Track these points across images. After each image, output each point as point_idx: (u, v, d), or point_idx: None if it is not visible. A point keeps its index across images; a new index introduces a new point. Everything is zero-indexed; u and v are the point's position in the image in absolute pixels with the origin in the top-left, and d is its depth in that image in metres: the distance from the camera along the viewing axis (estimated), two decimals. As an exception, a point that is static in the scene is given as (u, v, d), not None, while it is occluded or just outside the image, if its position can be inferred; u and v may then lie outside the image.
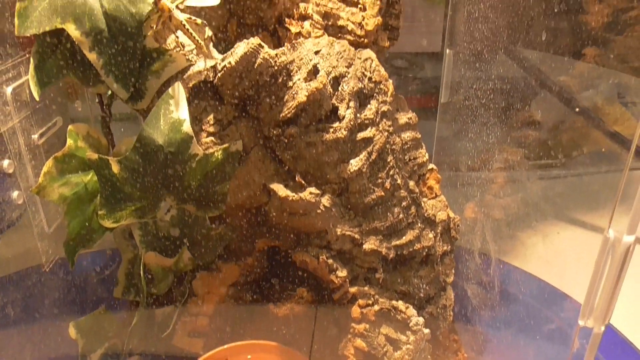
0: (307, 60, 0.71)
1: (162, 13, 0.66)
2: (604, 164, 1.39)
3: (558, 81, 0.90)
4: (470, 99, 0.94)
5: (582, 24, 0.76)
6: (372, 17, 0.77)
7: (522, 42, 0.86)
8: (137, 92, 0.72)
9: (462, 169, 1.01)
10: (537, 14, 0.80)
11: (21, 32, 0.64)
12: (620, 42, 0.77)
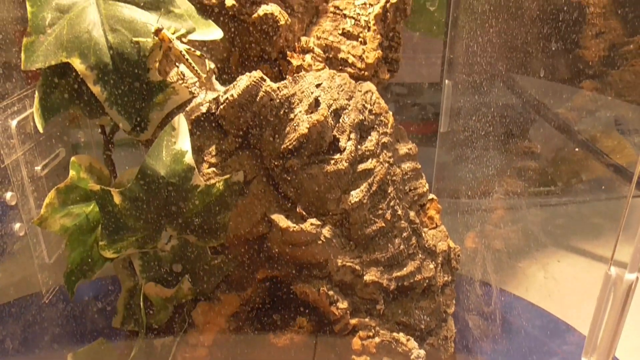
0: (309, 93, 0.72)
1: (163, 43, 0.67)
2: (603, 191, 1.39)
3: (556, 113, 0.92)
4: (470, 129, 0.95)
5: (579, 58, 0.78)
6: (372, 50, 0.78)
7: (520, 75, 0.87)
8: (140, 124, 0.73)
9: (462, 197, 1.02)
10: (535, 48, 0.82)
11: (27, 66, 0.65)
12: (616, 76, 0.79)
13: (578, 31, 0.76)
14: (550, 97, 0.87)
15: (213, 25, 0.74)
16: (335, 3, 0.80)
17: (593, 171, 1.34)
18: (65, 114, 0.81)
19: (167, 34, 0.67)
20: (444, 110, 1.02)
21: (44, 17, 0.66)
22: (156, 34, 0.67)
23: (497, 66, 0.88)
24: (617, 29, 0.74)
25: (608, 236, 1.25)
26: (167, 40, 0.67)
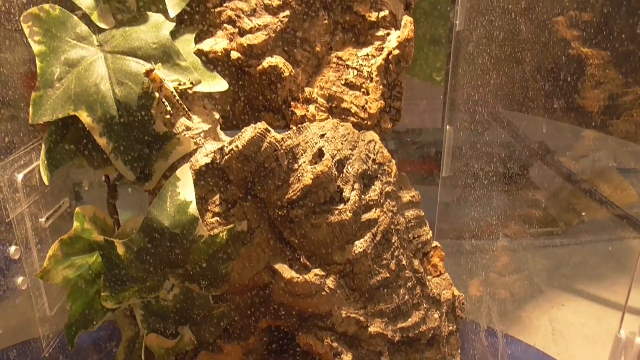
0: (313, 143, 0.73)
1: (154, 84, 0.68)
2: (605, 232, 1.39)
3: (559, 161, 0.93)
4: (471, 174, 0.96)
5: (579, 108, 0.79)
6: (375, 100, 0.79)
7: (521, 122, 0.88)
8: (145, 174, 0.73)
9: (465, 238, 1.02)
10: (535, 98, 0.83)
11: (35, 120, 0.65)
12: (617, 126, 0.80)
13: (578, 82, 0.78)
14: (552, 145, 0.88)
15: (218, 77, 0.75)
16: (338, 54, 0.81)
17: (594, 212, 1.35)
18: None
19: (159, 74, 0.68)
20: (445, 155, 1.02)
21: (52, 72, 0.67)
22: (147, 75, 0.68)
23: (497, 114, 0.89)
24: (615, 79, 0.75)
25: (611, 279, 1.24)
26: (159, 81, 0.68)
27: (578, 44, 0.77)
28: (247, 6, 0.76)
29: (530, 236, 1.21)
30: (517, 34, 0.84)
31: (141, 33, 0.72)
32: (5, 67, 0.63)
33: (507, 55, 0.84)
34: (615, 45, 0.72)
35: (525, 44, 0.83)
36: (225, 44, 0.75)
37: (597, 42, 0.75)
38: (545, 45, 0.80)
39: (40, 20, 0.66)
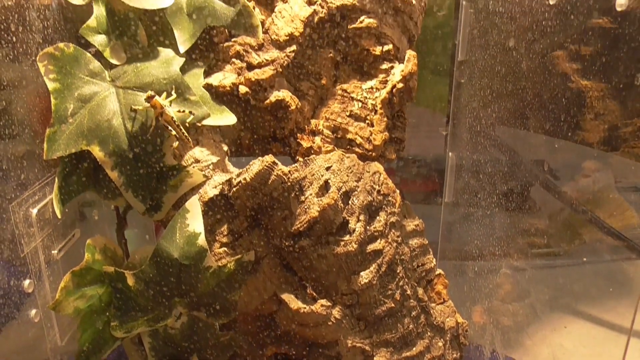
0: (319, 175, 0.74)
1: (155, 109, 0.69)
2: (606, 253, 1.40)
3: (560, 191, 0.94)
4: (473, 202, 0.97)
5: (580, 140, 0.80)
6: (379, 132, 0.81)
7: (521, 151, 0.90)
8: (155, 205, 0.75)
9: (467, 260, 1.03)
10: (536, 127, 0.85)
11: (49, 155, 0.67)
12: (616, 157, 0.81)
13: (578, 114, 0.80)
14: (552, 178, 0.89)
15: (227, 111, 0.77)
16: (343, 86, 0.83)
17: (595, 232, 1.35)
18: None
19: (159, 100, 0.69)
20: (448, 180, 1.04)
21: (66, 108, 0.69)
22: (148, 101, 0.69)
23: (499, 142, 0.91)
24: (615, 111, 0.77)
25: (614, 301, 1.24)
26: (159, 107, 0.69)
27: (577, 77, 0.78)
28: (254, 41, 0.78)
29: (532, 258, 1.22)
30: (517, 65, 0.86)
31: (152, 69, 0.74)
32: (21, 105, 0.65)
33: (508, 85, 0.86)
34: (615, 78, 0.74)
35: (525, 75, 0.85)
36: (233, 78, 0.77)
37: (597, 75, 0.77)
38: (546, 79, 0.81)
39: (55, 59, 0.68)
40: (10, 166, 0.62)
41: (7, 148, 0.62)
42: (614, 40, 0.72)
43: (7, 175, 0.61)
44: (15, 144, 0.63)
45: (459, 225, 1.05)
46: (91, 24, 0.71)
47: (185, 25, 0.76)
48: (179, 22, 0.76)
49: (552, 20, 0.76)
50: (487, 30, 0.90)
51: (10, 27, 0.62)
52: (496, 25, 0.87)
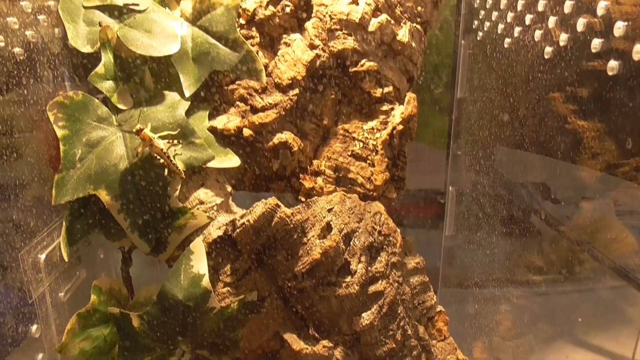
0: (321, 217, 0.75)
1: (144, 142, 0.71)
2: (607, 279, 1.40)
3: (560, 230, 0.95)
4: (474, 234, 0.98)
5: (577, 178, 0.82)
6: (380, 172, 0.82)
7: (521, 184, 0.92)
8: (160, 246, 0.76)
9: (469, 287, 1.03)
10: (532, 165, 0.87)
11: (58, 201, 0.69)
12: (613, 196, 0.83)
13: (575, 154, 0.81)
14: (551, 215, 0.90)
15: (231, 153, 0.78)
16: (345, 126, 0.85)
17: (594, 261, 1.36)
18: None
19: (148, 133, 0.71)
20: (448, 215, 1.05)
21: (74, 153, 0.70)
22: (137, 134, 0.71)
23: (497, 176, 0.92)
24: (612, 150, 0.79)
25: (615, 329, 1.24)
26: (148, 139, 0.71)
27: (574, 118, 0.80)
28: (258, 84, 0.80)
29: (531, 285, 1.22)
30: (514, 104, 0.88)
31: (158, 113, 0.75)
32: (31, 153, 0.67)
33: (504, 124, 0.88)
34: (611, 118, 0.76)
35: (522, 115, 0.87)
36: (237, 121, 0.79)
37: (593, 116, 0.78)
38: (542, 119, 0.83)
39: (64, 107, 0.70)
40: (21, 215, 0.64)
41: (18, 197, 0.63)
42: (610, 81, 0.73)
43: (17, 225, 0.63)
44: (25, 192, 0.65)
45: (459, 258, 1.06)
46: (99, 71, 0.73)
47: (191, 70, 0.78)
48: (185, 67, 0.78)
49: (548, 62, 0.77)
50: (484, 70, 0.92)
51: (22, 80, 0.64)
52: (493, 65, 0.89)
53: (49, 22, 0.70)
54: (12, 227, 0.61)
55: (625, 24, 0.64)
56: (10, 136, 0.62)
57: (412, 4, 0.84)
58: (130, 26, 0.75)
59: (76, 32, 0.73)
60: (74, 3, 0.73)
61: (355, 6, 0.80)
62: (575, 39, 0.73)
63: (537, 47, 0.79)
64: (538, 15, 0.78)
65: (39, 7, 0.67)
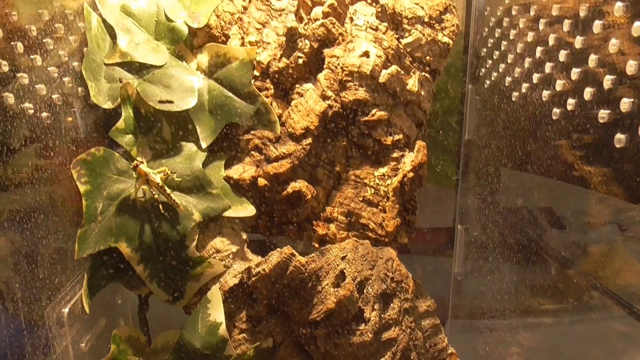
0: (335, 265, 0.77)
1: (141, 177, 0.73)
2: (616, 308, 1.40)
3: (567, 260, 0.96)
4: (482, 272, 1.00)
5: (585, 224, 0.83)
6: (391, 219, 0.84)
7: (527, 224, 0.93)
8: (177, 294, 0.78)
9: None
10: (540, 210, 0.88)
11: (80, 255, 0.71)
12: (621, 243, 0.84)
13: (582, 200, 0.83)
14: (559, 258, 0.92)
15: (246, 202, 0.81)
16: (356, 172, 0.87)
17: (602, 293, 1.36)
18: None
19: (144, 168, 0.73)
20: (457, 253, 1.07)
21: (96, 207, 0.73)
22: (134, 169, 0.73)
23: (507, 219, 0.94)
24: (619, 194, 0.80)
25: None
26: (144, 174, 0.73)
27: (581, 164, 0.82)
28: (272, 134, 0.82)
29: (540, 315, 1.23)
30: (520, 148, 0.90)
31: (176, 165, 0.78)
32: (55, 210, 0.69)
33: (511, 169, 0.90)
34: (618, 163, 0.77)
35: (528, 158, 0.88)
36: (252, 171, 0.81)
37: (599, 161, 0.80)
38: (549, 166, 0.85)
39: (87, 163, 0.72)
40: (47, 273, 0.66)
41: (45, 256, 0.65)
42: (616, 127, 0.75)
43: (44, 283, 0.65)
44: (50, 249, 0.67)
45: (468, 299, 1.07)
46: (120, 126, 0.75)
47: (207, 122, 0.80)
48: (201, 119, 0.80)
49: (554, 111, 0.79)
50: (491, 115, 0.94)
51: (48, 142, 0.67)
52: (499, 112, 0.91)
53: (73, 82, 0.73)
54: (39, 286, 0.63)
55: (633, 68, 0.66)
56: (38, 199, 0.64)
57: (420, 54, 0.86)
58: (149, 81, 0.78)
59: (98, 89, 0.75)
60: (96, 61, 0.76)
61: (366, 58, 0.82)
62: (580, 87, 0.75)
63: (543, 96, 0.81)
64: (543, 64, 0.81)
65: (64, 70, 0.70)
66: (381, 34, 0.84)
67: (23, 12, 0.61)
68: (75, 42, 0.74)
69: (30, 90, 0.61)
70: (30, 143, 0.62)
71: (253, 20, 0.84)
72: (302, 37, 0.84)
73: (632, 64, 0.60)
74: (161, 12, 0.81)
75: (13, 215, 0.59)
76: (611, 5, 0.64)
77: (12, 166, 0.60)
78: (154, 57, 0.79)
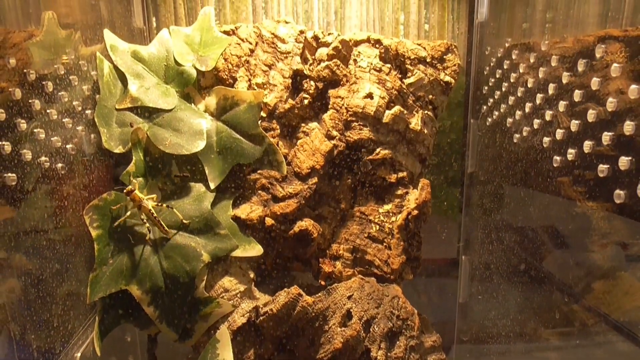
0: (341, 305, 0.78)
1: (134, 202, 0.75)
2: (622, 332, 1.40)
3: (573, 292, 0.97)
4: (487, 306, 1.01)
5: (588, 260, 0.85)
6: (396, 256, 0.86)
7: (529, 256, 0.94)
8: (186, 333, 0.79)
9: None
10: (542, 242, 0.89)
11: (92, 298, 0.72)
12: (625, 278, 0.85)
13: (585, 236, 0.84)
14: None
15: (254, 242, 0.82)
16: (361, 209, 0.88)
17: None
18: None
19: (138, 194, 0.75)
20: (462, 282, 1.08)
21: (107, 251, 0.74)
22: (128, 195, 0.75)
23: (511, 252, 0.95)
24: (621, 230, 0.81)
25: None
26: (138, 200, 0.75)
27: (583, 200, 0.83)
28: (279, 174, 0.84)
29: (549, 336, 1.23)
30: (522, 183, 0.91)
31: (185, 206, 0.79)
32: (70, 260, 0.71)
33: (512, 202, 0.91)
34: (618, 199, 0.78)
35: (530, 194, 0.90)
36: (260, 211, 0.83)
37: (601, 197, 0.81)
38: (551, 202, 0.86)
39: (99, 208, 0.74)
40: (60, 321, 0.67)
41: (59, 305, 0.67)
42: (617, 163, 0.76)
43: (57, 331, 0.66)
44: (65, 299, 0.68)
45: (474, 334, 1.08)
46: (130, 169, 0.77)
47: (216, 163, 0.82)
48: (210, 161, 0.82)
49: (553, 155, 0.81)
50: (492, 150, 0.96)
51: (63, 191, 0.68)
52: (500, 147, 0.93)
53: (86, 130, 0.75)
54: (53, 334, 0.65)
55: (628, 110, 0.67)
56: (54, 250, 0.66)
57: (423, 93, 0.88)
58: (159, 125, 0.80)
59: (109, 134, 0.77)
60: (108, 107, 0.78)
61: (370, 100, 0.84)
62: (580, 137, 0.76)
63: (544, 142, 0.83)
64: (543, 109, 0.82)
65: (77, 120, 0.72)
66: (384, 75, 0.86)
67: (39, 67, 0.63)
68: (88, 90, 0.76)
69: (46, 145, 0.63)
70: (46, 194, 0.64)
71: (260, 62, 0.86)
72: (308, 78, 0.86)
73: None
74: (170, 56, 0.83)
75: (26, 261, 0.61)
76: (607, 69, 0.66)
77: (26, 211, 0.61)
78: (164, 101, 0.81)
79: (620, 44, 0.72)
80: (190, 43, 0.86)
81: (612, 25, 0.74)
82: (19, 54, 0.62)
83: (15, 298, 0.58)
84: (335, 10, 0.96)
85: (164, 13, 0.96)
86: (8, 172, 0.57)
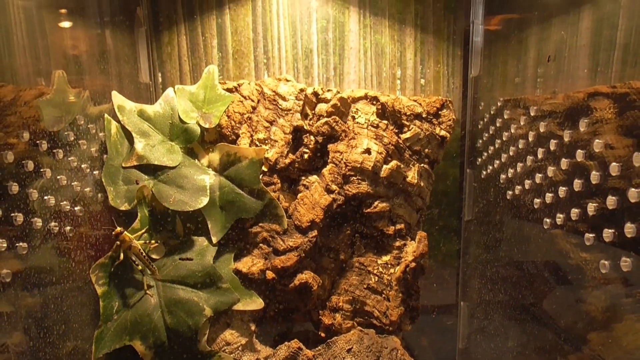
0: (341, 358, 0.80)
1: (123, 243, 0.77)
2: None
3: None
4: (486, 350, 1.01)
5: (583, 312, 0.86)
6: (395, 307, 0.87)
7: (527, 298, 0.96)
8: (188, 387, 0.81)
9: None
10: (538, 289, 0.91)
11: (97, 355, 0.74)
12: (619, 330, 0.86)
13: (579, 286, 0.85)
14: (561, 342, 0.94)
15: (255, 296, 0.84)
16: (360, 260, 0.90)
17: None
18: None
19: (127, 235, 0.77)
20: (461, 328, 1.09)
21: (112, 307, 0.76)
22: (116, 237, 0.77)
23: (509, 294, 0.97)
24: (615, 280, 0.83)
25: None
26: (128, 241, 0.77)
27: (577, 251, 0.85)
28: (279, 227, 0.86)
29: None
30: (518, 232, 0.93)
31: (188, 261, 0.81)
32: (76, 319, 0.73)
33: (509, 248, 0.93)
34: (611, 250, 0.80)
35: (525, 242, 0.92)
36: (261, 264, 0.85)
37: (595, 248, 0.83)
38: (546, 254, 0.88)
39: (105, 266, 0.76)
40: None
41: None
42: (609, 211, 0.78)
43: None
44: (68, 353, 0.70)
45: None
46: (135, 226, 0.80)
47: (218, 218, 0.84)
48: (213, 215, 0.84)
49: (544, 218, 0.83)
50: (487, 204, 0.98)
51: (71, 256, 0.71)
52: (495, 202, 0.95)
53: (94, 191, 0.78)
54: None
55: (618, 165, 0.70)
56: (60, 311, 0.68)
57: (419, 147, 0.91)
58: (164, 182, 0.83)
59: (116, 192, 0.80)
60: (114, 166, 0.81)
61: (367, 155, 0.87)
62: (567, 203, 0.79)
63: (535, 203, 0.85)
64: (534, 172, 0.85)
65: (85, 182, 0.75)
66: (382, 131, 0.89)
67: (49, 125, 0.66)
68: (95, 152, 0.79)
69: (57, 211, 0.66)
70: (54, 254, 0.66)
71: (261, 118, 0.89)
72: (308, 133, 0.89)
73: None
74: (175, 114, 0.87)
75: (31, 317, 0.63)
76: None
77: (32, 269, 0.63)
78: (169, 158, 0.84)
79: (609, 101, 0.75)
80: (195, 100, 0.89)
81: (601, 80, 0.77)
82: (30, 111, 0.65)
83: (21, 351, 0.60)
84: (334, 66, 0.99)
85: (169, 69, 1.00)
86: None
